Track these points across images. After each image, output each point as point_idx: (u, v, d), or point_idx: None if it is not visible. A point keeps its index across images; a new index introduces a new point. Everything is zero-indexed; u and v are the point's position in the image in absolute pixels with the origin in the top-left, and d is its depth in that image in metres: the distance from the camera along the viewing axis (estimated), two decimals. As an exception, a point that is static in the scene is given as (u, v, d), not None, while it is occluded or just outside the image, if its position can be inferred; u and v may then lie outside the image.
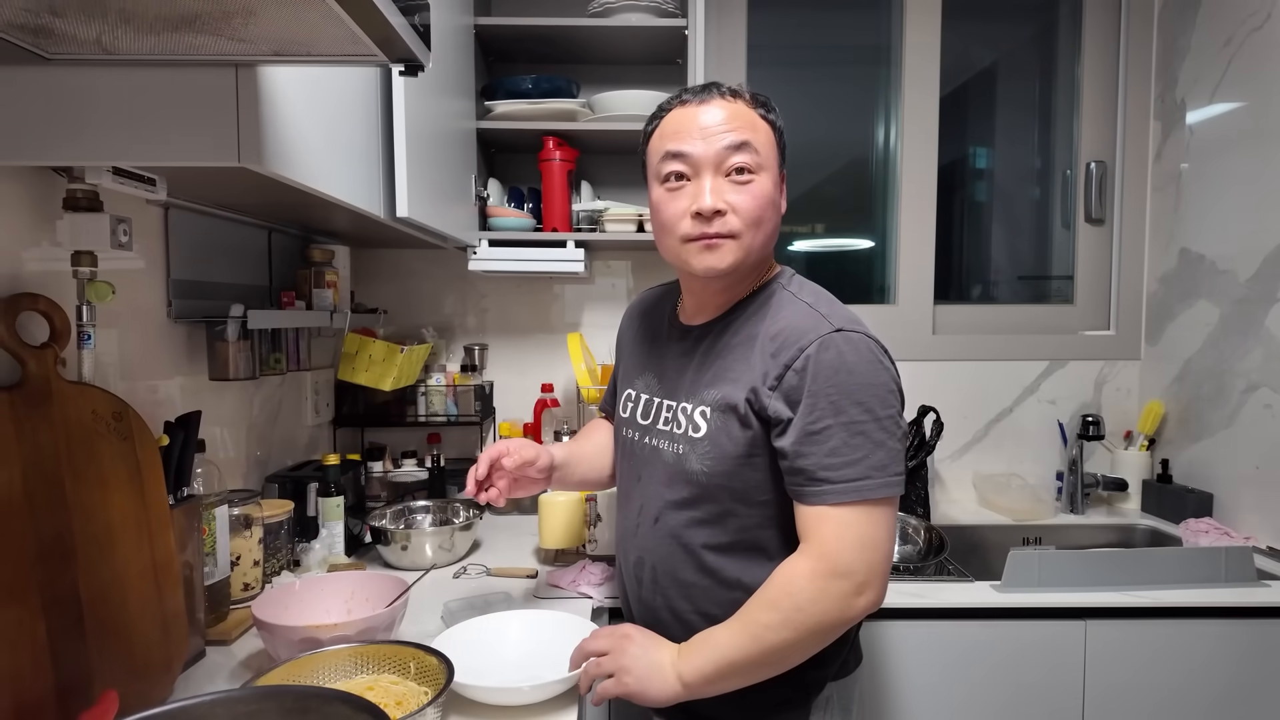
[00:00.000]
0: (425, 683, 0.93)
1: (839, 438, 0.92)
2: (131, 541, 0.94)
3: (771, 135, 1.03)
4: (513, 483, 1.17)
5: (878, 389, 0.94)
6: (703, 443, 1.02)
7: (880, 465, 0.93)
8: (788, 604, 0.93)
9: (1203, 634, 1.42)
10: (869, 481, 0.92)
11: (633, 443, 1.14)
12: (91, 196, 0.93)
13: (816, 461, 0.93)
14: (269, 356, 1.49)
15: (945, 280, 2.18)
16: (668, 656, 0.99)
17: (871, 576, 0.93)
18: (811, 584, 0.93)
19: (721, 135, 0.99)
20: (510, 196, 1.92)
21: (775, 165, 1.03)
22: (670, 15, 1.77)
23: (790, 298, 1.04)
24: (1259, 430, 1.69)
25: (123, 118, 0.80)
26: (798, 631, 0.93)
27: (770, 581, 0.96)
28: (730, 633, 0.96)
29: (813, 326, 0.97)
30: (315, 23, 0.68)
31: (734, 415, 0.99)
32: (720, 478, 1.01)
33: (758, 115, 1.02)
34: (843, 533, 0.93)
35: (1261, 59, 1.68)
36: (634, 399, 1.16)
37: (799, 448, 0.94)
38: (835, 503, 0.93)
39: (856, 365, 0.94)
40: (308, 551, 1.45)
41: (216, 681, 1.04)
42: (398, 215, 1.23)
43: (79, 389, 0.92)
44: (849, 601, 0.93)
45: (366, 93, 1.16)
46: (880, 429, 0.93)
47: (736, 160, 0.99)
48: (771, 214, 1.02)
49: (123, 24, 0.69)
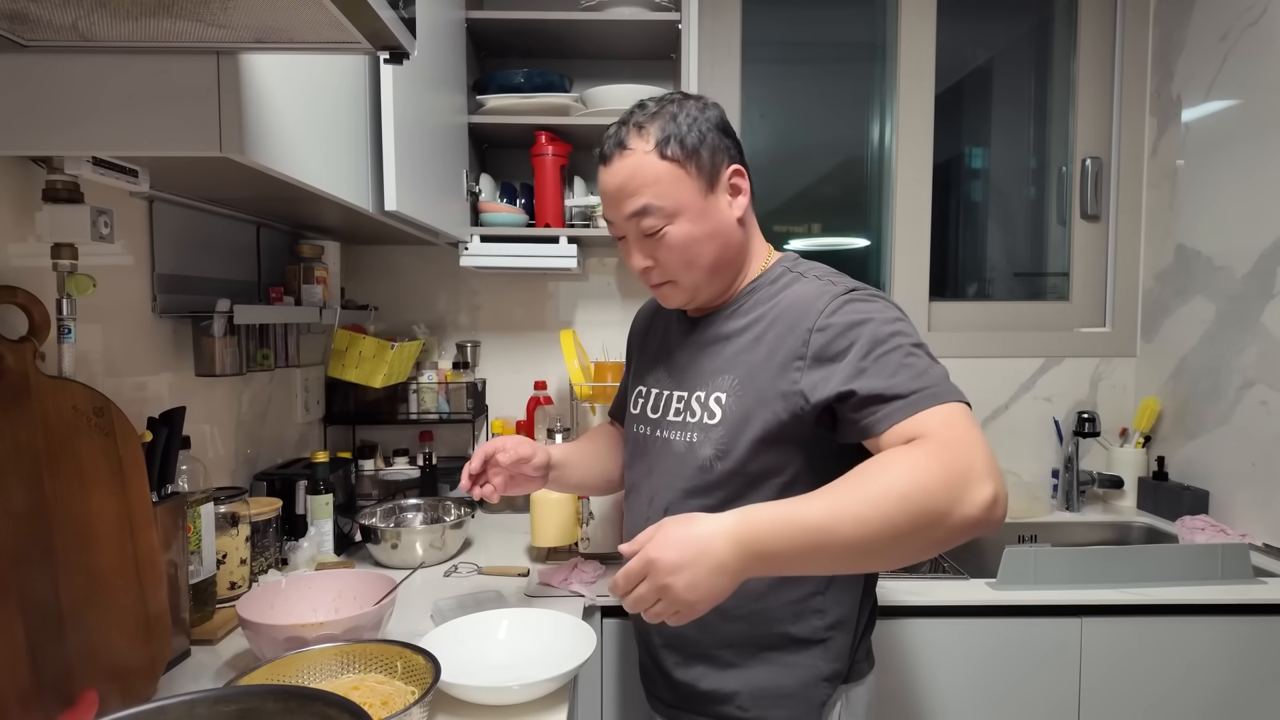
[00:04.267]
0: (412, 682, 0.91)
1: (893, 362, 0.88)
2: (113, 539, 0.92)
3: (679, 172, 0.99)
4: (508, 479, 1.15)
5: (904, 326, 0.93)
6: (717, 429, 1.00)
7: (940, 377, 0.88)
8: (893, 476, 0.79)
9: (1198, 631, 1.41)
10: (943, 387, 0.86)
11: (644, 438, 1.13)
12: (71, 188, 0.92)
13: (882, 384, 0.87)
14: (257, 353, 1.48)
15: (941, 277, 2.17)
16: (720, 542, 0.78)
17: (994, 468, 0.79)
18: (924, 456, 0.79)
19: (623, 203, 1.00)
20: (502, 192, 1.90)
21: (694, 200, 1.00)
22: (663, 9, 1.76)
23: (796, 276, 1.03)
24: (1255, 427, 1.69)
25: (102, 107, 0.78)
26: (902, 512, 0.77)
27: (878, 465, 0.81)
28: (818, 504, 0.79)
29: (823, 292, 0.97)
30: (296, 7, 0.66)
31: (754, 394, 0.97)
32: (735, 462, 0.98)
33: (658, 160, 0.98)
34: (945, 425, 0.82)
35: (1257, 54, 1.68)
36: (644, 395, 1.15)
37: (858, 382, 0.88)
38: (918, 411, 0.84)
39: (876, 312, 0.93)
40: (296, 550, 1.44)
41: (201, 681, 1.02)
42: (386, 209, 1.22)
43: (58, 384, 0.91)
44: (970, 488, 0.77)
45: (355, 85, 1.14)
46: (924, 355, 0.90)
47: (643, 225, 1.00)
48: (703, 246, 1.01)
49: (99, 8, 0.67)
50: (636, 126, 1.01)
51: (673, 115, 1.01)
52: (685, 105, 1.02)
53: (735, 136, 1.06)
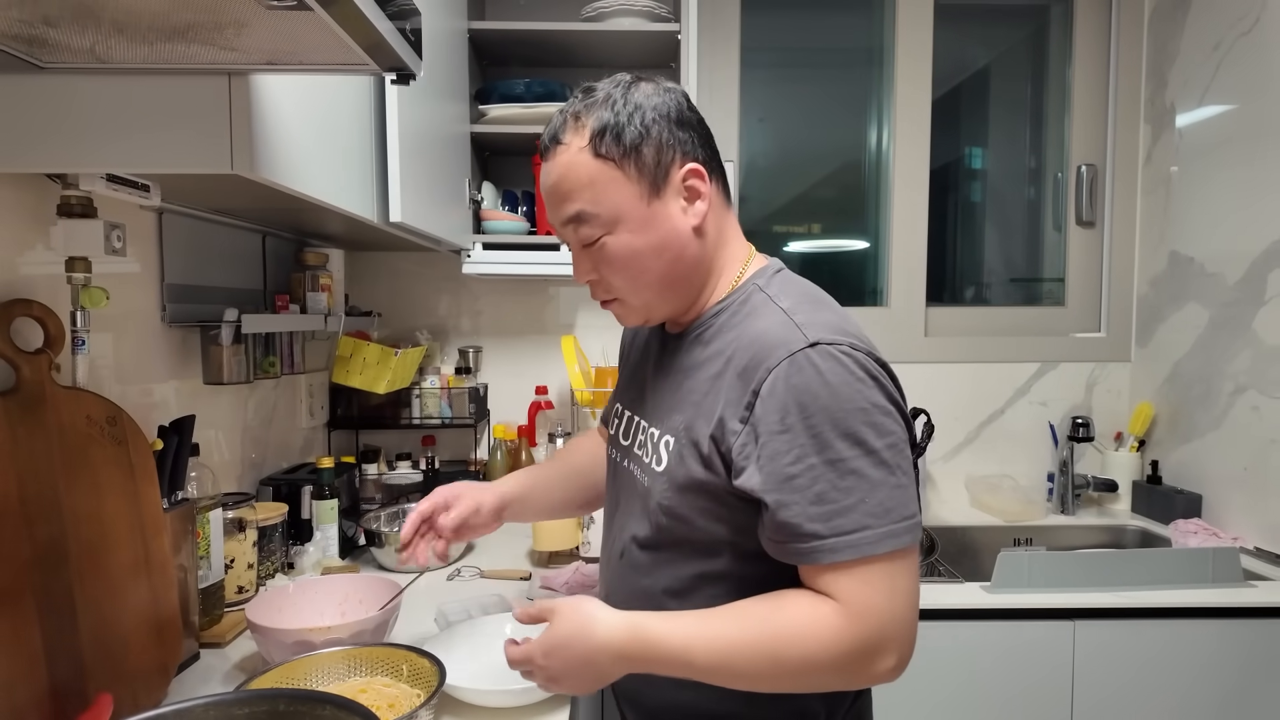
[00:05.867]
0: (418, 685, 0.94)
1: (826, 480, 0.76)
2: (126, 545, 0.95)
3: (614, 173, 0.84)
4: (454, 533, 1.08)
5: (869, 412, 0.77)
6: (662, 479, 0.87)
7: (881, 510, 0.75)
8: (795, 644, 0.76)
9: (1190, 634, 1.43)
10: (868, 533, 0.75)
11: (615, 464, 1.02)
12: (85, 203, 0.94)
13: (801, 512, 0.76)
14: (263, 360, 1.50)
15: (938, 282, 2.19)
16: (605, 657, 0.81)
17: (904, 634, 0.77)
18: (830, 630, 0.76)
19: (556, 208, 0.88)
20: (504, 200, 1.93)
21: (633, 206, 0.85)
22: (663, 20, 1.78)
23: (765, 302, 0.87)
24: (1247, 432, 1.71)
25: (117, 125, 0.80)
26: (793, 677, 0.78)
27: (781, 615, 0.78)
28: (711, 643, 0.78)
29: (784, 340, 0.79)
30: (306, 33, 0.69)
31: (695, 453, 0.83)
32: (675, 523, 0.86)
33: (591, 159, 0.84)
34: (861, 588, 0.76)
35: (1250, 63, 1.70)
36: (620, 415, 1.03)
37: (778, 496, 0.77)
38: (831, 564, 0.76)
39: (839, 385, 0.76)
40: (302, 554, 1.46)
41: (211, 684, 1.04)
42: (391, 220, 1.24)
43: (73, 394, 0.93)
44: (871, 662, 0.76)
45: (359, 98, 1.17)
46: (876, 464, 0.76)
47: (579, 235, 0.87)
48: (648, 260, 0.86)
49: (116, 34, 0.70)
50: (573, 117, 0.86)
51: (612, 103, 0.85)
52: (632, 91, 0.86)
53: (697, 127, 0.89)
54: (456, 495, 1.07)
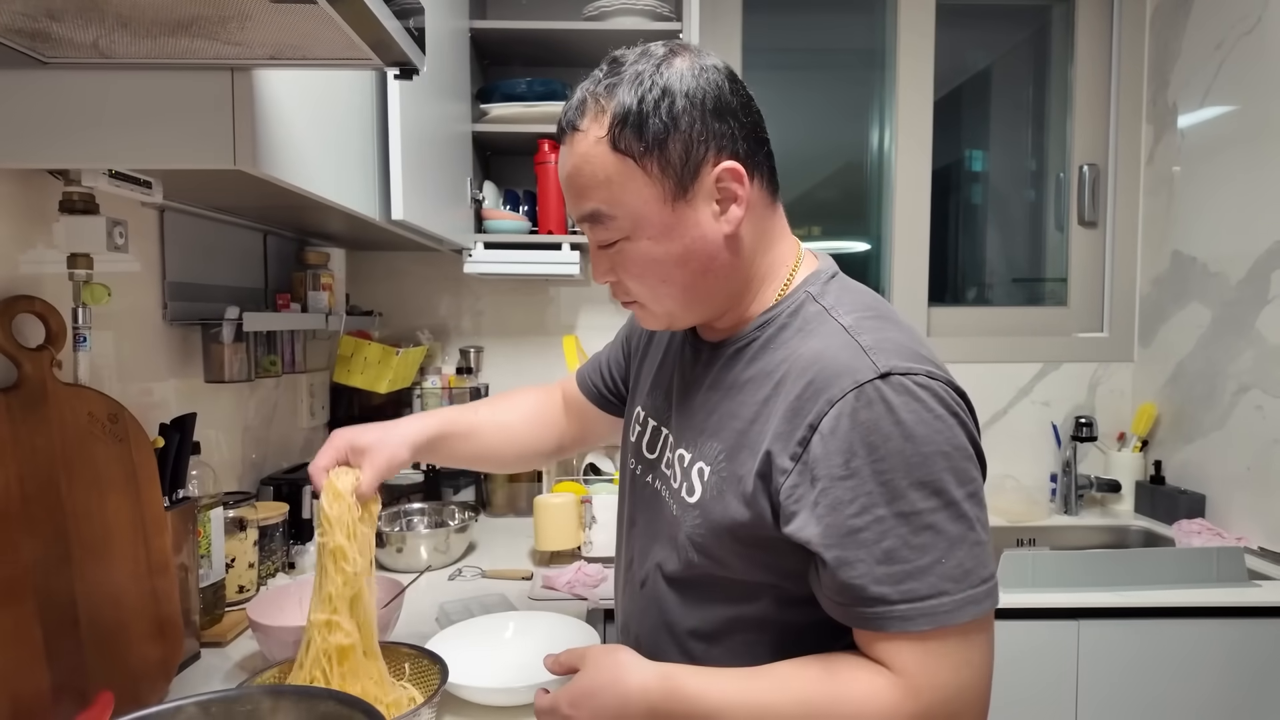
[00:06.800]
0: (420, 684, 0.93)
1: (896, 535, 0.66)
2: (127, 544, 0.94)
3: (633, 171, 0.73)
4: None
5: (951, 456, 0.67)
6: (694, 511, 0.78)
7: (960, 572, 0.66)
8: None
9: (1194, 634, 1.43)
10: (945, 599, 0.65)
11: (635, 476, 0.91)
12: (88, 199, 0.94)
13: (866, 571, 0.66)
14: (264, 359, 1.50)
15: (940, 283, 2.19)
16: (636, 710, 0.73)
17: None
18: (890, 708, 0.67)
19: (572, 201, 0.78)
20: (506, 199, 1.92)
21: (655, 210, 0.74)
22: (665, 19, 1.78)
23: (821, 315, 0.76)
24: (1250, 431, 1.71)
25: (119, 121, 0.80)
26: None
27: (831, 687, 0.69)
28: (751, 705, 0.70)
29: (849, 367, 0.69)
30: (310, 28, 0.68)
31: (736, 491, 0.74)
32: (709, 563, 0.77)
33: (608, 151, 0.74)
34: (924, 668, 0.66)
35: (1252, 62, 1.70)
36: (641, 422, 0.92)
37: (840, 553, 0.67)
38: (899, 632, 0.66)
39: (915, 424, 0.66)
40: (302, 554, 1.45)
41: (212, 682, 1.04)
42: (393, 218, 1.24)
43: (74, 391, 0.93)
44: None
45: (362, 95, 1.16)
46: (955, 517, 0.66)
47: (596, 236, 0.78)
48: (671, 270, 0.76)
49: (120, 28, 0.69)
50: (594, 98, 0.75)
51: (639, 83, 0.73)
52: (663, 68, 0.74)
53: (739, 114, 0.77)
54: (363, 448, 0.89)
